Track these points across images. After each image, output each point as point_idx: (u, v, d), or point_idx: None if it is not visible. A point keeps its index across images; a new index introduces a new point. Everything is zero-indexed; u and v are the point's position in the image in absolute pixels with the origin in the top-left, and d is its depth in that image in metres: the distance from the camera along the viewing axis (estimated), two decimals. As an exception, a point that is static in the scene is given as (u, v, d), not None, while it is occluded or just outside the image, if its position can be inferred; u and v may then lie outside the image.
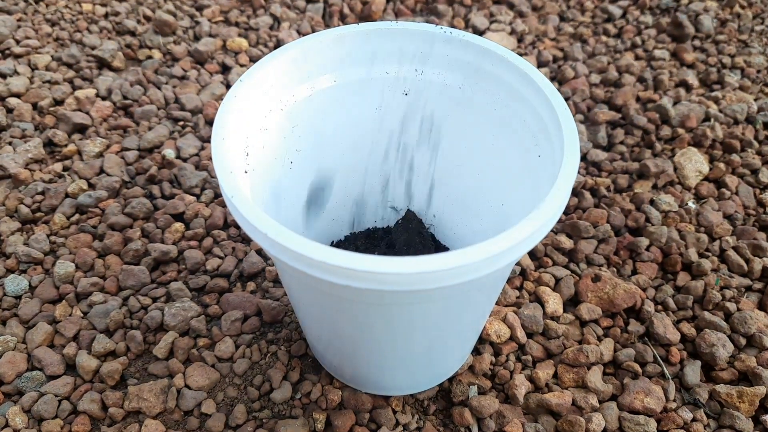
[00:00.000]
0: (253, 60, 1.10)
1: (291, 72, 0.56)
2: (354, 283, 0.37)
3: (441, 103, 0.61)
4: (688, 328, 0.71)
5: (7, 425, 0.62)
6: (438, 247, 0.73)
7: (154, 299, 0.73)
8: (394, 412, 0.64)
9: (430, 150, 0.66)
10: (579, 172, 0.89)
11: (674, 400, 0.66)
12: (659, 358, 0.69)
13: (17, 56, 1.06)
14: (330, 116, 0.61)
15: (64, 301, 0.73)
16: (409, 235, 0.69)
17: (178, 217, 0.82)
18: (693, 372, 0.68)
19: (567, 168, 0.43)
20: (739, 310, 0.73)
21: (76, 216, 0.82)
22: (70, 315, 0.72)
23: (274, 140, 0.56)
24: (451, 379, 0.67)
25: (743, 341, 0.70)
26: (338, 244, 0.74)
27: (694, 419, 0.64)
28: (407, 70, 0.59)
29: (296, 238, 0.39)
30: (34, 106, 0.98)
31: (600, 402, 0.65)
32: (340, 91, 0.60)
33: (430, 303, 0.45)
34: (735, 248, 0.80)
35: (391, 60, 0.59)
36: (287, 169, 0.60)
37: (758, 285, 0.77)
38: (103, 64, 1.07)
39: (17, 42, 1.09)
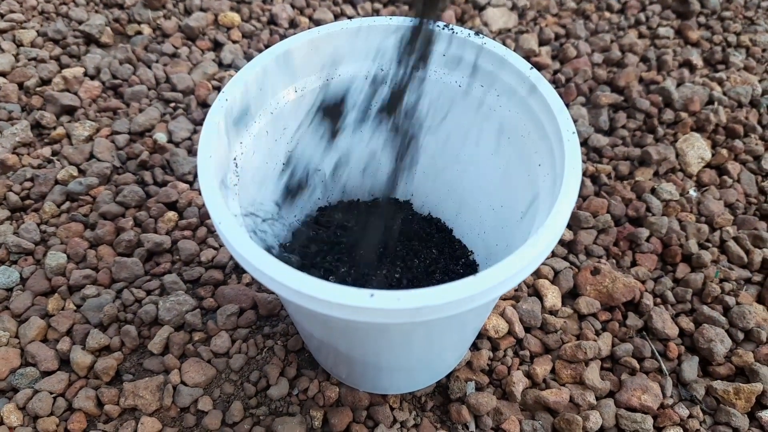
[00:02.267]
0: (246, 36, 1.06)
1: (278, 74, 0.53)
2: (352, 316, 0.36)
3: (439, 100, 0.59)
4: (687, 323, 0.71)
5: (2, 423, 0.61)
6: (436, 229, 0.71)
7: (148, 292, 0.72)
8: (392, 409, 0.64)
9: (427, 144, 0.64)
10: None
11: (671, 397, 0.66)
12: (657, 354, 0.69)
13: (2, 32, 1.02)
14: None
15: (56, 293, 0.71)
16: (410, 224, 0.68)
17: (171, 205, 0.80)
18: (690, 368, 0.68)
19: (564, 201, 0.41)
20: (738, 303, 0.72)
21: (67, 204, 0.80)
22: (62, 309, 0.70)
23: (265, 144, 0.54)
24: (448, 375, 0.66)
25: (741, 336, 0.70)
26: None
27: (690, 416, 0.65)
28: (401, 67, 0.57)
29: (283, 269, 0.37)
30: (20, 86, 0.95)
31: (597, 399, 0.65)
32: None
33: (429, 325, 0.44)
34: (735, 239, 0.79)
35: (384, 57, 0.57)
36: (279, 171, 0.58)
37: (757, 277, 0.76)
38: (90, 40, 1.03)
39: (1, 16, 1.05)
